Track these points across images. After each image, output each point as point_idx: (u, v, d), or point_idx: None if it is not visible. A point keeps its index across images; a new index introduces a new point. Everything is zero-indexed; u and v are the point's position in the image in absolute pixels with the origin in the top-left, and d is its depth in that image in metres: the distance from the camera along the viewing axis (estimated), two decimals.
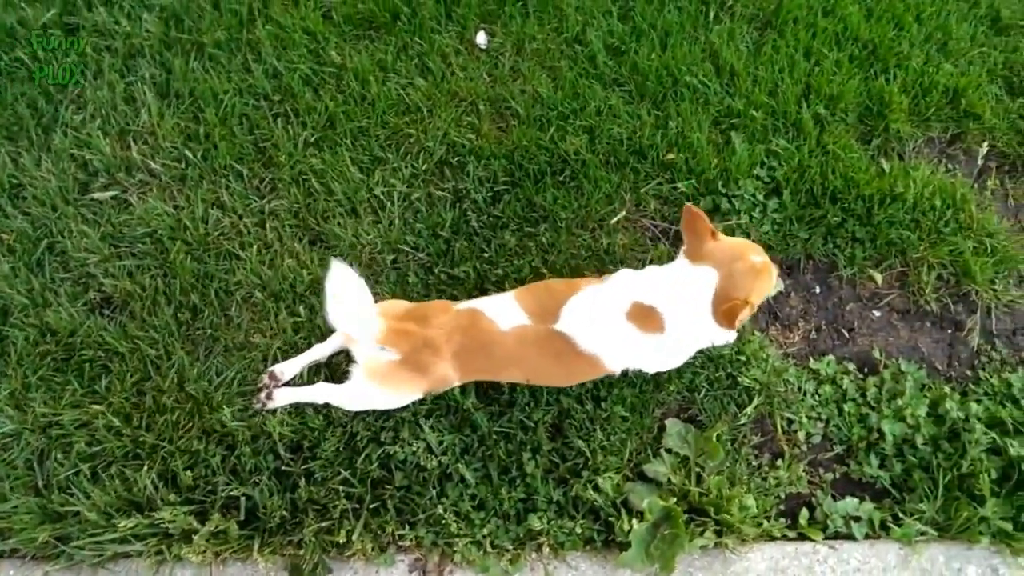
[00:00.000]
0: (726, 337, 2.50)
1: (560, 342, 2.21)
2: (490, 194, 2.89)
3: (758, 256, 2.15)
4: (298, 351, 2.57)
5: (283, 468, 2.44)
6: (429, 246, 2.80)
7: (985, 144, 3.01)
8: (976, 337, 2.73)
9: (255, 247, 2.76)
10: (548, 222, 2.84)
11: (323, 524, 2.35)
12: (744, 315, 2.06)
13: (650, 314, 2.19)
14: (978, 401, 2.57)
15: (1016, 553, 2.37)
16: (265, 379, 2.50)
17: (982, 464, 2.40)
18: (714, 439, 2.45)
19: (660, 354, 2.33)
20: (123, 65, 3.14)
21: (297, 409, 2.49)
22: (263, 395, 2.47)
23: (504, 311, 2.26)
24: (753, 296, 2.10)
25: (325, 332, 2.58)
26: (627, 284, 2.27)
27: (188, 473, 2.40)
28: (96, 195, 2.88)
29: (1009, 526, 2.35)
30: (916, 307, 2.78)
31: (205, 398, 2.52)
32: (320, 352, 2.54)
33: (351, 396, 2.38)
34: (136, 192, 2.90)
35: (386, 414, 2.48)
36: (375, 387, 2.29)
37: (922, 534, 2.39)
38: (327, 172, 2.89)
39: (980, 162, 3.01)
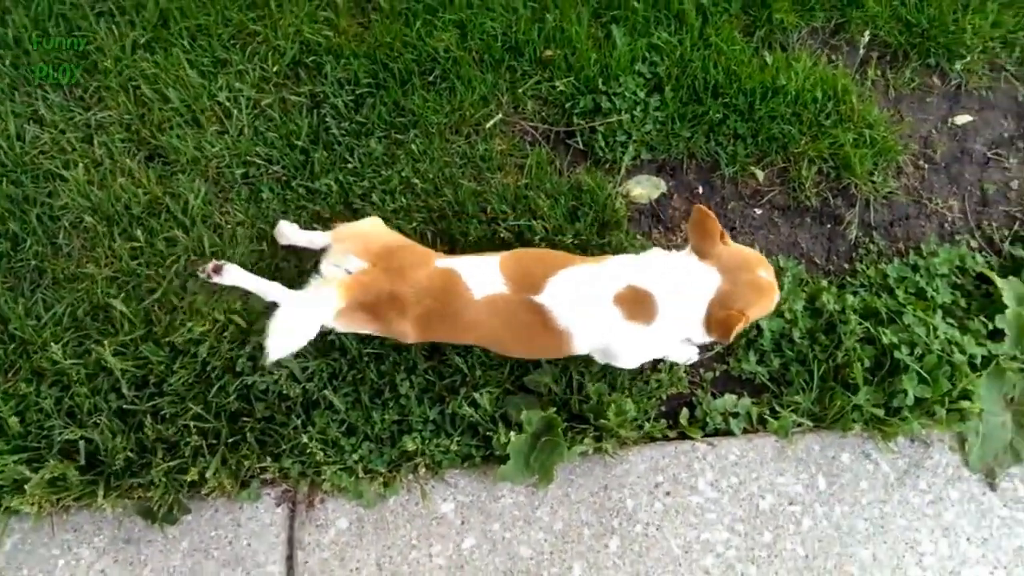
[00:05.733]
0: (688, 352, 2.39)
1: (533, 314, 2.03)
2: (351, 98, 2.64)
3: (766, 272, 2.03)
4: (137, 279, 2.31)
5: (126, 407, 2.22)
6: (284, 158, 2.54)
7: (867, 33, 2.93)
8: (854, 230, 2.71)
9: (81, 165, 2.45)
10: (418, 128, 2.62)
11: (172, 463, 2.16)
12: (739, 328, 1.92)
13: (643, 301, 2.02)
14: (854, 293, 2.58)
15: (887, 437, 2.42)
16: (209, 268, 2.21)
17: (856, 354, 2.41)
18: None
19: (634, 345, 2.15)
20: None
21: (134, 342, 2.25)
22: (210, 267, 2.18)
23: (484, 277, 2.05)
24: (752, 311, 1.97)
25: (167, 256, 2.33)
26: (624, 265, 2.10)
27: (16, 419, 2.16)
28: None
29: (881, 412, 2.38)
30: (796, 203, 2.73)
31: (33, 336, 2.25)
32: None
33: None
34: None
35: (242, 342, 2.28)
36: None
37: (798, 425, 2.41)
38: (161, 77, 2.57)
39: (862, 52, 2.93)
